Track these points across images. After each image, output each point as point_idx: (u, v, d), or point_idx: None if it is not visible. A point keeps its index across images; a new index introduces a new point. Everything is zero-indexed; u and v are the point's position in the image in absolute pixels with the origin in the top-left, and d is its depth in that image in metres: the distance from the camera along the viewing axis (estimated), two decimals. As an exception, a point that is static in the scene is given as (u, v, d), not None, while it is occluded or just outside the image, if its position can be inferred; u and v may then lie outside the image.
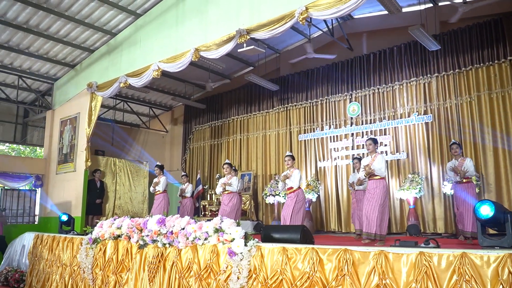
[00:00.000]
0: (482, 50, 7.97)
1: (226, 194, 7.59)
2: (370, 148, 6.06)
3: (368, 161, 6.02)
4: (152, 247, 4.85)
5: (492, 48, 7.86)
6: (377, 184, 5.84)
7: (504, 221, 3.26)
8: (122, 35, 9.57)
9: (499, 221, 3.29)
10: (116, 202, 11.00)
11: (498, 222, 3.30)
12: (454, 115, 8.25)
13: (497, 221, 3.30)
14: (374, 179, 5.90)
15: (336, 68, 10.19)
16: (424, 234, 7.93)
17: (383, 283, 3.20)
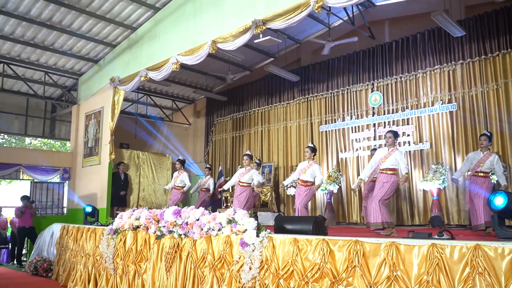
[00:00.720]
0: (510, 35, 7.63)
1: (240, 186, 7.60)
2: (389, 142, 5.95)
3: (384, 154, 5.90)
4: (168, 237, 4.93)
5: (521, 33, 7.52)
6: (388, 179, 5.75)
7: (521, 212, 3.13)
8: (142, 29, 9.69)
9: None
10: (140, 194, 11.23)
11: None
12: (480, 103, 7.96)
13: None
14: (385, 173, 5.79)
15: (358, 57, 10.00)
16: (448, 226, 7.73)
17: (393, 275, 3.14)
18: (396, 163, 5.77)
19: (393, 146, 5.94)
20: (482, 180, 5.95)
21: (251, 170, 7.68)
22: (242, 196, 7.57)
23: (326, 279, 3.45)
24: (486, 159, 5.91)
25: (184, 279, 4.56)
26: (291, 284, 3.66)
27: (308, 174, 6.75)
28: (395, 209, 8.83)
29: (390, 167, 5.81)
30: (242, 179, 7.67)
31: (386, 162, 5.86)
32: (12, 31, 9.46)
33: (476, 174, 6.03)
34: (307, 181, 6.75)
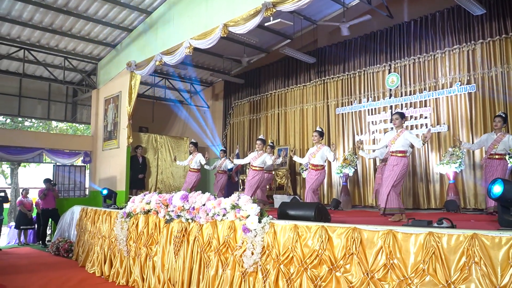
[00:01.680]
0: (534, 12, 7.28)
1: (252, 169, 7.68)
2: (396, 123, 5.81)
3: (393, 136, 5.79)
4: (177, 222, 5.04)
5: (545, 10, 7.16)
6: (397, 162, 5.62)
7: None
8: (157, 14, 9.71)
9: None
10: (158, 177, 11.45)
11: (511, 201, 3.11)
12: (500, 84, 7.67)
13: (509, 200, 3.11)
14: (395, 155, 5.68)
15: (375, 37, 9.75)
16: (464, 210, 7.59)
17: (390, 263, 3.14)
18: (405, 144, 5.66)
19: (401, 128, 5.81)
20: (497, 163, 5.82)
21: (263, 154, 7.72)
22: (254, 180, 7.65)
23: (324, 266, 3.48)
24: (500, 140, 5.77)
25: (191, 262, 4.68)
26: (291, 269, 3.71)
27: (318, 158, 6.74)
28: (412, 192, 8.72)
29: (400, 149, 5.69)
30: (254, 163, 7.74)
31: (395, 144, 5.73)
32: (31, 17, 9.64)
33: (491, 156, 5.90)
34: (317, 165, 6.74)
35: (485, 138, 6.03)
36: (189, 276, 4.65)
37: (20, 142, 10.89)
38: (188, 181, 8.99)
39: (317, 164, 6.75)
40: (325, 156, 6.74)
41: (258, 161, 7.73)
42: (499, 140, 5.77)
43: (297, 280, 3.60)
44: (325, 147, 6.79)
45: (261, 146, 7.77)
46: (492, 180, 3.24)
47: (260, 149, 7.78)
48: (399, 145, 5.67)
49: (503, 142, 5.72)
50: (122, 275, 5.71)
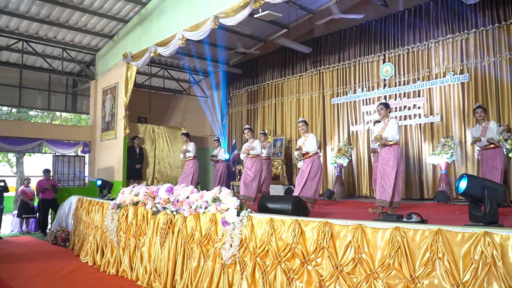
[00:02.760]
0: (526, 1, 7.20)
1: (249, 158, 7.75)
2: (382, 113, 5.85)
3: (381, 127, 5.82)
4: (163, 214, 5.14)
5: (538, -2, 7.07)
6: (390, 151, 5.65)
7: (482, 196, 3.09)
8: (151, 5, 9.72)
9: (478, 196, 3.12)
10: (155, 167, 11.56)
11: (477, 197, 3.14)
12: (492, 73, 7.63)
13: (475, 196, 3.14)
14: (387, 145, 5.71)
15: (369, 27, 9.70)
16: (456, 201, 7.61)
17: (358, 257, 3.20)
18: (393, 133, 5.69)
19: (387, 117, 5.83)
20: (493, 152, 5.80)
21: (254, 142, 7.77)
22: (255, 168, 7.71)
23: (297, 259, 3.55)
24: (486, 129, 5.76)
25: (175, 253, 4.79)
26: (266, 262, 3.79)
27: (307, 146, 6.75)
28: (405, 182, 8.74)
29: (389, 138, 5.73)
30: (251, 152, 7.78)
31: (384, 134, 5.78)
32: (27, 9, 9.70)
33: (486, 147, 5.87)
34: (307, 152, 6.77)
35: (475, 131, 6.04)
36: (173, 267, 4.75)
37: (19, 133, 11.03)
38: (186, 171, 9.08)
39: (307, 152, 6.78)
40: (313, 142, 6.74)
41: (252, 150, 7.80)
42: (485, 130, 5.78)
43: (272, 273, 3.68)
44: (311, 135, 6.79)
45: (250, 134, 7.85)
46: (460, 176, 3.27)
47: (250, 137, 7.85)
48: (388, 134, 5.70)
49: (489, 130, 5.75)
50: (113, 264, 5.84)
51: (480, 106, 5.99)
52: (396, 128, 5.65)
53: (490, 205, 3.20)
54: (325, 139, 10.51)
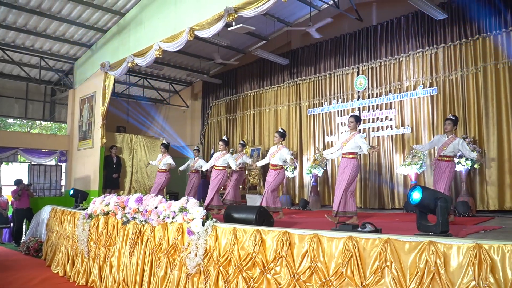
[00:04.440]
0: (490, 18, 7.49)
1: (215, 169, 7.85)
2: (351, 126, 6.02)
3: (346, 138, 5.99)
4: (132, 223, 5.18)
5: (500, 16, 7.37)
6: (347, 163, 5.83)
7: (435, 207, 3.24)
8: (130, 15, 9.80)
9: (430, 207, 3.28)
10: (133, 176, 11.54)
11: (429, 208, 3.29)
12: (459, 87, 7.91)
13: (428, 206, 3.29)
14: (346, 157, 5.89)
15: (344, 40, 9.94)
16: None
17: (314, 266, 3.31)
18: (355, 146, 5.84)
19: (355, 130, 6.00)
20: (446, 164, 5.97)
21: (226, 155, 7.87)
22: (217, 179, 7.83)
23: (257, 268, 3.64)
24: (450, 142, 5.93)
25: (143, 263, 4.82)
26: (229, 271, 3.87)
27: (277, 158, 6.90)
28: (377, 192, 8.94)
29: (350, 151, 5.89)
30: (217, 163, 7.91)
31: (346, 146, 5.93)
32: (4, 18, 9.67)
33: (440, 158, 6.05)
34: (276, 164, 6.92)
35: (437, 140, 6.19)
36: (141, 276, 4.79)
37: (-6, 142, 10.93)
38: (157, 182, 9.12)
39: (276, 164, 6.92)
40: (284, 157, 6.90)
41: (220, 160, 7.90)
42: (449, 142, 5.95)
43: (234, 281, 3.76)
44: (284, 148, 6.94)
45: (223, 147, 7.93)
46: (412, 187, 3.42)
47: (223, 149, 7.94)
48: (349, 147, 5.88)
49: (452, 145, 5.89)
50: (82, 275, 5.83)
51: (450, 118, 6.12)
52: (362, 142, 5.82)
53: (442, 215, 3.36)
54: (301, 149, 10.67)
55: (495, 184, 7.27)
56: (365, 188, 9.20)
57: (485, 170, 7.38)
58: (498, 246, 2.61)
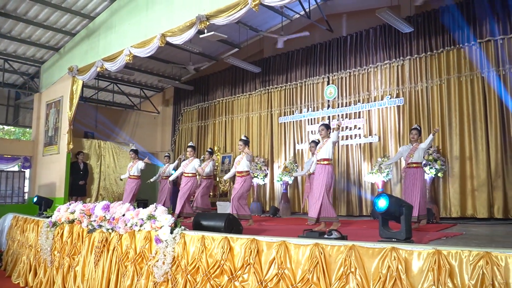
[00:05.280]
0: (453, 33, 7.82)
1: (184, 177, 7.78)
2: (322, 134, 6.20)
3: (319, 146, 6.20)
4: (99, 232, 5.07)
5: (463, 31, 7.71)
6: (322, 170, 5.98)
7: (400, 214, 3.34)
8: (100, 19, 9.65)
9: (396, 214, 3.37)
10: (101, 183, 11.30)
11: (395, 215, 3.39)
12: (424, 98, 8.20)
13: (393, 214, 3.38)
14: (320, 163, 6.03)
15: (315, 50, 10.12)
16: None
17: (281, 273, 3.33)
18: (329, 151, 6.04)
19: (327, 137, 6.16)
20: (415, 171, 6.22)
21: (193, 161, 7.81)
22: (186, 186, 7.77)
23: (225, 276, 3.63)
24: (415, 150, 6.20)
25: (109, 272, 4.72)
26: (197, 279, 3.84)
27: (243, 165, 6.93)
28: (346, 200, 9.10)
29: (324, 157, 6.06)
30: (186, 170, 7.83)
31: (320, 153, 6.12)
32: (-35, 18, 9.35)
33: (409, 165, 6.30)
34: (242, 171, 6.94)
35: (403, 150, 6.47)
36: (107, 286, 4.68)
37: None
38: (128, 189, 8.97)
39: (242, 171, 6.95)
40: (248, 162, 6.94)
41: (189, 167, 7.86)
42: (414, 149, 6.23)
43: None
44: (247, 156, 6.95)
45: (192, 153, 7.89)
46: (377, 195, 3.50)
47: (191, 155, 7.89)
48: (323, 153, 6.06)
49: (417, 152, 6.18)
50: (45, 285, 5.64)
51: (416, 128, 6.41)
52: (331, 147, 5.98)
53: (407, 222, 3.46)
54: (272, 156, 10.74)
55: (458, 192, 7.55)
56: (334, 196, 9.33)
57: (448, 178, 7.65)
58: (456, 252, 2.71)
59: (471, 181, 7.40)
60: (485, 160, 7.29)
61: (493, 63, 7.35)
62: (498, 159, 7.16)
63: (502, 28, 7.27)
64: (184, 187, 7.84)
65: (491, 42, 7.41)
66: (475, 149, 7.42)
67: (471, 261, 2.63)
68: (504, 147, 7.14)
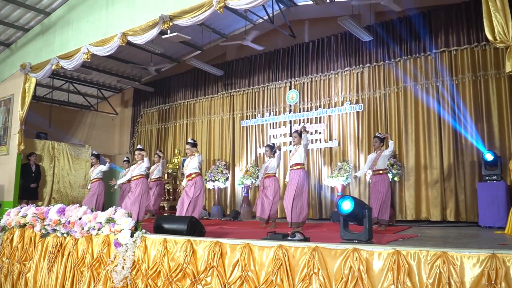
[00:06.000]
0: (410, 42, 8.15)
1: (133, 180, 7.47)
2: (295, 141, 6.45)
3: (292, 152, 6.44)
4: (53, 236, 4.85)
5: (420, 41, 8.05)
6: (295, 174, 6.21)
7: (363, 216, 3.42)
8: (56, 15, 9.27)
9: (358, 216, 3.45)
10: (54, 186, 10.81)
11: (358, 217, 3.46)
12: (383, 105, 8.47)
13: (357, 215, 3.46)
14: (293, 168, 6.26)
15: (278, 55, 10.23)
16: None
17: (245, 275, 3.32)
18: (301, 156, 6.28)
19: (299, 144, 6.38)
20: (380, 177, 6.53)
21: (142, 163, 7.51)
22: (138, 189, 7.33)
23: (187, 279, 3.58)
24: (379, 157, 6.45)
25: (64, 278, 4.53)
26: (158, 283, 3.76)
27: (191, 167, 6.81)
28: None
29: (296, 162, 6.30)
30: (134, 173, 7.48)
31: (293, 158, 6.37)
32: None
33: (375, 173, 6.56)
34: (190, 174, 6.80)
35: (370, 157, 6.77)
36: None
37: None
38: (91, 193, 8.65)
39: (190, 173, 6.80)
40: (196, 165, 6.84)
41: (137, 170, 7.47)
42: (378, 157, 6.48)
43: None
44: (195, 158, 6.86)
45: (140, 156, 7.55)
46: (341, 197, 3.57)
47: (140, 158, 7.55)
48: (295, 159, 6.29)
49: (381, 158, 6.46)
50: (-8, 293, 5.33)
51: (376, 136, 6.73)
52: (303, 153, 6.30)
53: (369, 224, 3.55)
54: (234, 160, 10.72)
55: (413, 196, 7.84)
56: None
57: (404, 182, 7.93)
58: (415, 252, 2.81)
59: (425, 185, 7.71)
60: (438, 165, 7.62)
61: (447, 73, 7.72)
62: (451, 165, 7.51)
63: (456, 40, 7.65)
64: (134, 190, 7.37)
65: (445, 52, 7.77)
66: (429, 154, 7.74)
67: (429, 261, 2.73)
68: (456, 153, 7.49)
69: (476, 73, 7.43)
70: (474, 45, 7.45)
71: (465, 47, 7.54)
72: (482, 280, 2.52)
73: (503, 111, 7.07)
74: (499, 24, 3.59)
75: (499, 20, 3.59)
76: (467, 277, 2.57)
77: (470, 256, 2.59)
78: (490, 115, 7.20)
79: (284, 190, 9.37)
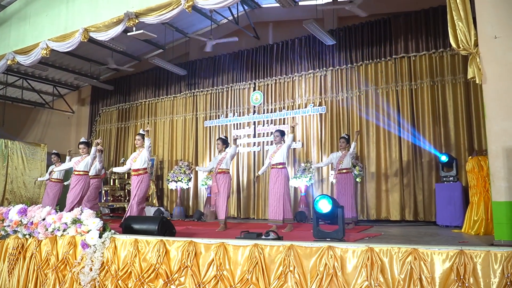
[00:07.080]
0: (372, 48, 8.46)
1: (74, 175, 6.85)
2: (276, 140, 6.49)
3: (274, 150, 6.46)
4: (13, 238, 4.65)
5: (380, 46, 8.37)
6: (278, 173, 6.26)
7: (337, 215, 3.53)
8: (11, 8, 8.82)
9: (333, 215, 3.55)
10: (7, 186, 10.28)
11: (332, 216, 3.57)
12: (345, 107, 8.72)
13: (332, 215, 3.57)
14: (276, 167, 6.31)
15: (242, 56, 10.27)
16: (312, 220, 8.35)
17: (219, 274, 3.34)
18: (284, 156, 6.32)
19: (281, 143, 6.45)
20: (345, 176, 6.88)
21: (86, 158, 6.96)
22: (77, 187, 6.72)
23: (160, 280, 3.55)
24: (344, 157, 6.72)
25: (26, 281, 4.35)
26: (129, 284, 3.70)
27: (139, 162, 6.41)
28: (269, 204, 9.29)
29: (279, 162, 6.34)
30: (77, 168, 6.86)
31: (275, 157, 6.39)
32: None
33: (340, 171, 6.81)
34: (138, 169, 6.39)
35: (333, 157, 7.05)
36: (23, 297, 4.30)
37: None
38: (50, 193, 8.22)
39: (138, 169, 6.38)
40: (145, 158, 6.46)
41: (81, 165, 6.87)
42: (343, 156, 6.81)
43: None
44: (143, 152, 6.49)
45: (85, 150, 7.04)
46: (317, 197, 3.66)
47: (85, 152, 7.02)
48: (278, 158, 6.32)
49: (346, 159, 6.69)
50: None
51: (343, 137, 7.08)
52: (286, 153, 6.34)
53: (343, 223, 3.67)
54: (197, 160, 10.65)
55: (374, 196, 8.13)
56: (258, 199, 9.52)
57: (366, 183, 8.20)
58: (387, 249, 2.94)
59: (385, 186, 8.01)
60: (398, 166, 7.95)
61: (406, 78, 8.07)
62: (410, 166, 7.85)
63: (415, 46, 8.02)
64: (73, 188, 6.74)
65: (405, 58, 8.13)
66: (389, 156, 8.07)
67: (401, 257, 2.87)
68: (415, 155, 7.84)
69: (434, 79, 7.83)
70: (432, 51, 7.84)
71: (424, 53, 7.92)
72: (451, 275, 2.69)
73: (459, 115, 7.49)
74: (461, 32, 3.82)
75: (462, 28, 3.82)
76: (437, 272, 2.73)
77: (439, 252, 2.75)
78: (447, 119, 7.61)
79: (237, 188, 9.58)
